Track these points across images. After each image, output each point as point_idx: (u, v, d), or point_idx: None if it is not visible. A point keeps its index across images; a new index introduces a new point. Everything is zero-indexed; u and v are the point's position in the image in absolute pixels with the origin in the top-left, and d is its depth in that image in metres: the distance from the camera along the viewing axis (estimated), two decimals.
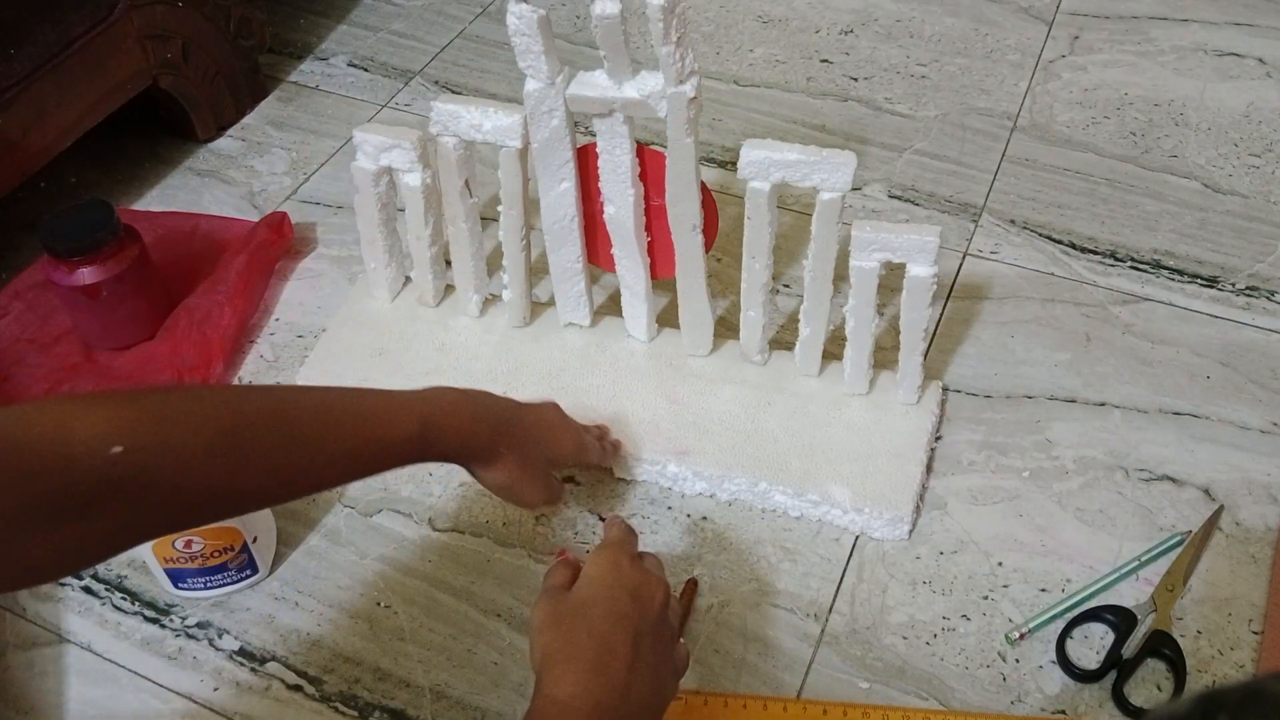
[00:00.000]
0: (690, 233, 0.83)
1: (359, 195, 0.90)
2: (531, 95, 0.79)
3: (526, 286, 0.92)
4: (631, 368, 0.90)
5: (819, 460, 0.83)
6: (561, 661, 0.58)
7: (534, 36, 0.75)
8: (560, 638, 0.60)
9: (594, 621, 0.60)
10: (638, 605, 0.61)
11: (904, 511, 0.80)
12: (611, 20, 0.71)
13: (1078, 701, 0.72)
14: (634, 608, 0.61)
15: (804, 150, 0.76)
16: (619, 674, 0.58)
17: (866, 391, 0.87)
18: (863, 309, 0.81)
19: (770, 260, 0.83)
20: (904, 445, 0.84)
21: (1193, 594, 0.77)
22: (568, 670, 0.58)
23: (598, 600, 0.61)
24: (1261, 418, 0.87)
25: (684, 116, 0.75)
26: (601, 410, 0.86)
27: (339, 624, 0.78)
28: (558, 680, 0.57)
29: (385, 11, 1.35)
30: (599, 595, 0.62)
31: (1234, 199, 1.05)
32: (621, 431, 0.85)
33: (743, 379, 0.88)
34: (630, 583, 0.62)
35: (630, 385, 0.89)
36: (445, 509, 0.85)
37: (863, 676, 0.74)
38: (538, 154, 0.82)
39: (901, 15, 1.28)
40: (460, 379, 0.90)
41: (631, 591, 0.62)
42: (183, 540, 0.74)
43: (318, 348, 0.94)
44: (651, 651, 0.60)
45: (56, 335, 0.96)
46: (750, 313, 0.86)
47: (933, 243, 0.77)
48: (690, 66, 0.73)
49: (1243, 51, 1.21)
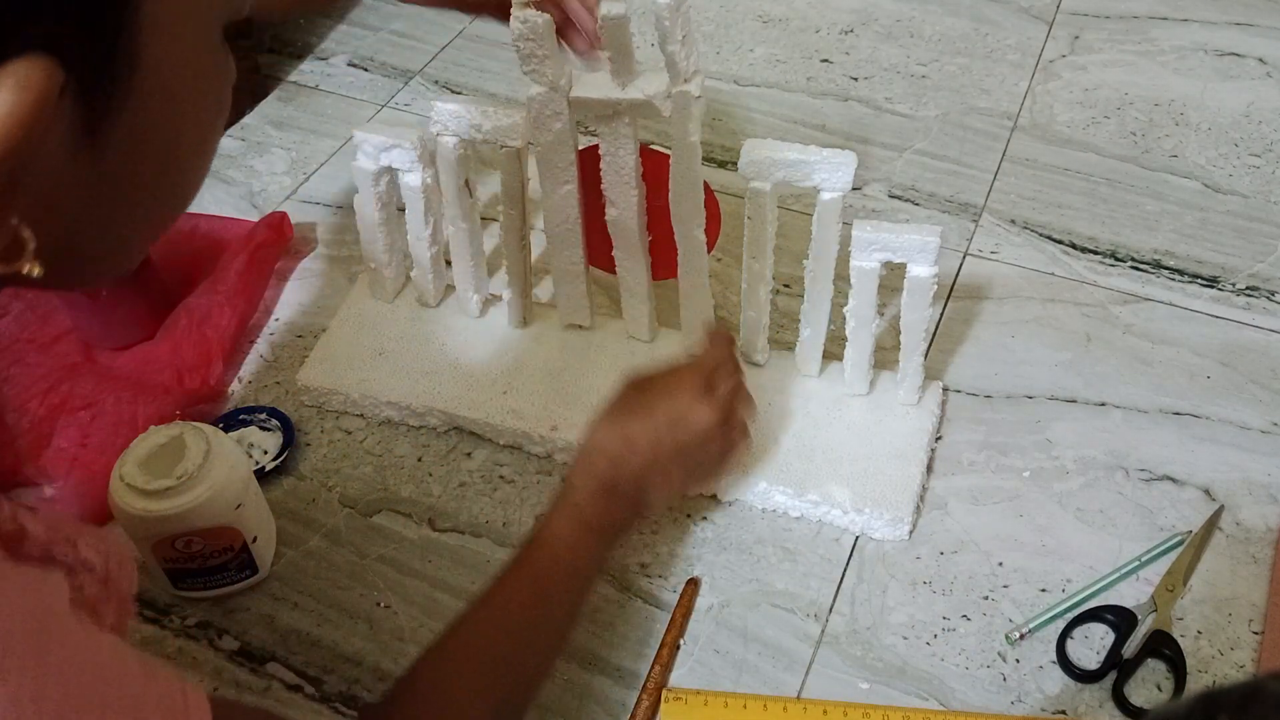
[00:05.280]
0: (694, 233, 0.82)
1: (359, 195, 0.90)
2: (536, 100, 0.78)
3: (526, 287, 0.92)
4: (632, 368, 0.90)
5: (819, 461, 0.83)
6: (586, 455, 0.72)
7: (539, 42, 0.74)
8: (600, 427, 0.73)
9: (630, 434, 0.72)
10: (675, 430, 0.72)
11: (904, 512, 0.80)
12: (619, 20, 0.71)
13: (1078, 701, 0.72)
14: (669, 431, 0.72)
15: (805, 150, 0.76)
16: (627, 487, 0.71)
17: (867, 392, 0.87)
18: (863, 309, 0.81)
19: (771, 260, 0.83)
20: (904, 445, 0.84)
21: (1193, 594, 0.77)
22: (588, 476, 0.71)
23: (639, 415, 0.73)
24: (1261, 418, 0.87)
25: (689, 116, 0.75)
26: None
27: (339, 624, 0.78)
28: (579, 481, 0.71)
29: (385, 11, 1.35)
30: (644, 407, 0.73)
31: (1234, 199, 1.05)
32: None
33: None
34: (679, 407, 0.73)
35: None
36: (445, 509, 0.85)
37: (863, 676, 0.74)
38: (540, 157, 0.82)
39: (901, 15, 1.28)
40: (459, 379, 0.90)
41: (678, 417, 0.72)
42: (183, 540, 0.74)
43: (318, 348, 0.94)
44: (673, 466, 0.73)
45: (56, 335, 0.96)
46: (750, 313, 0.86)
47: (933, 243, 0.77)
48: (695, 65, 0.73)
49: (1243, 51, 1.21)
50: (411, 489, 0.86)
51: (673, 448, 0.72)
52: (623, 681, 0.74)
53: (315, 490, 0.86)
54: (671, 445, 0.72)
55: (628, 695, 0.73)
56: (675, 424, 0.73)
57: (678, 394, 0.74)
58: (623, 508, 0.72)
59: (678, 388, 0.74)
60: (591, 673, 0.75)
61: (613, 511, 0.71)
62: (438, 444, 0.89)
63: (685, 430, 0.73)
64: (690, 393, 0.74)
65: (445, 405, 0.89)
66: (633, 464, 0.72)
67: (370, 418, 0.91)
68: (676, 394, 0.74)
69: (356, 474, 0.87)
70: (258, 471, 0.84)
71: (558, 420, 0.87)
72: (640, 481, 0.72)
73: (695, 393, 0.73)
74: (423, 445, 0.89)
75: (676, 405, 0.73)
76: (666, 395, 0.74)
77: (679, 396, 0.73)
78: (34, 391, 0.92)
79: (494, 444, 0.88)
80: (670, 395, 0.74)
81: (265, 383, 0.94)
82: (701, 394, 0.74)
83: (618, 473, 0.71)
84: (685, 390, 0.74)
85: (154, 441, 0.74)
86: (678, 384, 0.74)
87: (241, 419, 0.90)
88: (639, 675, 0.74)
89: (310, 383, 0.91)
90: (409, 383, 0.90)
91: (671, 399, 0.73)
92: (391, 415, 0.90)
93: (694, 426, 0.73)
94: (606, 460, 0.72)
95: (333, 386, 0.91)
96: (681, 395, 0.73)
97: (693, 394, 0.73)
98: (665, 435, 0.72)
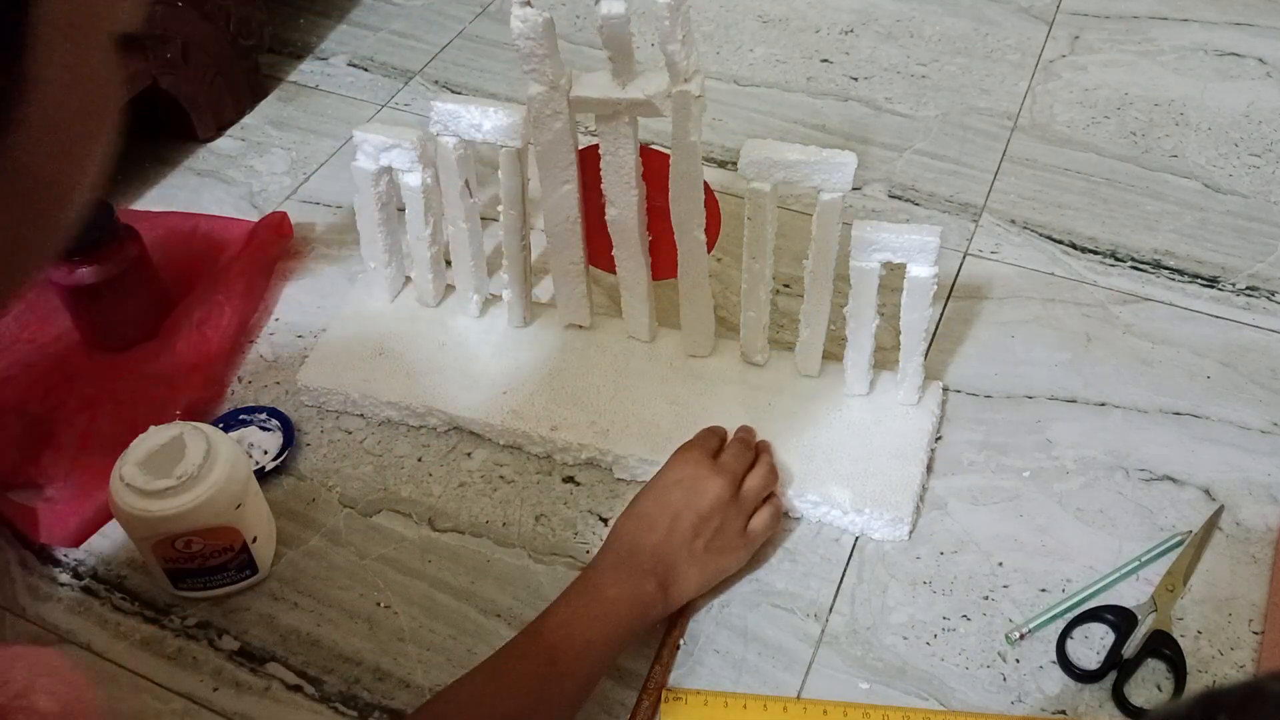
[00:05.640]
0: (694, 233, 0.82)
1: (359, 195, 0.90)
2: (536, 99, 0.78)
3: (526, 287, 0.92)
4: (632, 368, 0.90)
5: (819, 461, 0.83)
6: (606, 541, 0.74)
7: (539, 40, 0.74)
8: (620, 521, 0.75)
9: (644, 510, 0.74)
10: (687, 497, 0.74)
11: (904, 512, 0.80)
12: (619, 20, 0.71)
13: (1078, 701, 0.72)
14: (684, 499, 0.74)
15: (804, 150, 0.76)
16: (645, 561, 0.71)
17: (867, 392, 0.87)
18: (863, 310, 0.81)
19: (771, 260, 0.83)
20: (904, 446, 0.84)
21: (1193, 594, 0.77)
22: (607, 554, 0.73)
23: (652, 491, 0.75)
24: (1261, 418, 0.87)
25: (689, 115, 0.75)
26: (600, 410, 0.87)
27: (339, 624, 0.78)
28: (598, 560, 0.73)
29: (385, 11, 1.35)
30: (655, 486, 0.76)
31: (1234, 199, 1.05)
32: (620, 432, 0.85)
33: (743, 379, 0.88)
34: (686, 477, 0.75)
35: (630, 386, 0.89)
36: (445, 509, 0.85)
37: (863, 676, 0.74)
38: (540, 157, 0.82)
39: (901, 15, 1.28)
40: (459, 379, 0.90)
41: (688, 486, 0.74)
42: (183, 540, 0.74)
43: (317, 347, 0.94)
44: (693, 537, 0.73)
45: (56, 335, 0.96)
46: (750, 313, 0.86)
47: (933, 243, 0.77)
48: (695, 65, 0.73)
49: (1243, 51, 1.21)
50: (411, 489, 0.86)
51: (690, 522, 0.73)
52: (623, 681, 0.74)
53: (315, 490, 0.86)
54: (688, 519, 0.73)
55: (628, 695, 0.73)
56: (687, 496, 0.74)
57: (684, 468, 0.76)
58: (641, 583, 0.71)
59: (683, 464, 0.77)
60: None
61: (631, 585, 0.71)
62: (438, 444, 0.89)
63: (698, 500, 0.74)
64: (696, 465, 0.76)
65: (445, 405, 0.89)
66: (649, 539, 0.73)
67: (370, 417, 0.91)
68: (682, 468, 0.76)
69: (356, 474, 0.87)
70: (258, 471, 0.84)
71: (557, 420, 0.87)
72: (659, 555, 0.72)
73: (702, 466, 0.76)
74: (423, 445, 0.89)
75: (684, 478, 0.75)
76: (674, 471, 0.76)
77: (685, 469, 0.76)
78: (34, 391, 0.92)
79: (494, 444, 0.88)
80: (677, 470, 0.76)
81: (265, 383, 0.94)
82: (709, 466, 0.76)
83: (635, 547, 0.72)
84: (691, 464, 0.76)
85: (154, 441, 0.74)
86: (683, 462, 0.77)
87: (241, 419, 0.90)
88: (639, 675, 0.74)
89: (310, 382, 0.91)
90: (409, 383, 0.90)
91: (679, 472, 0.76)
92: (391, 415, 0.90)
93: (706, 496, 0.74)
94: (622, 539, 0.73)
95: (332, 386, 0.91)
96: (688, 468, 0.76)
97: (698, 467, 0.76)
98: (680, 508, 0.74)
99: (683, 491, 0.74)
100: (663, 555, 0.72)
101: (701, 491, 0.74)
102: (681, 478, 0.75)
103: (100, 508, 0.83)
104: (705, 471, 0.75)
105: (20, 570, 0.83)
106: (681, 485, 0.75)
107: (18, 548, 0.85)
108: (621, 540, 0.73)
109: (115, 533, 0.84)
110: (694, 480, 0.75)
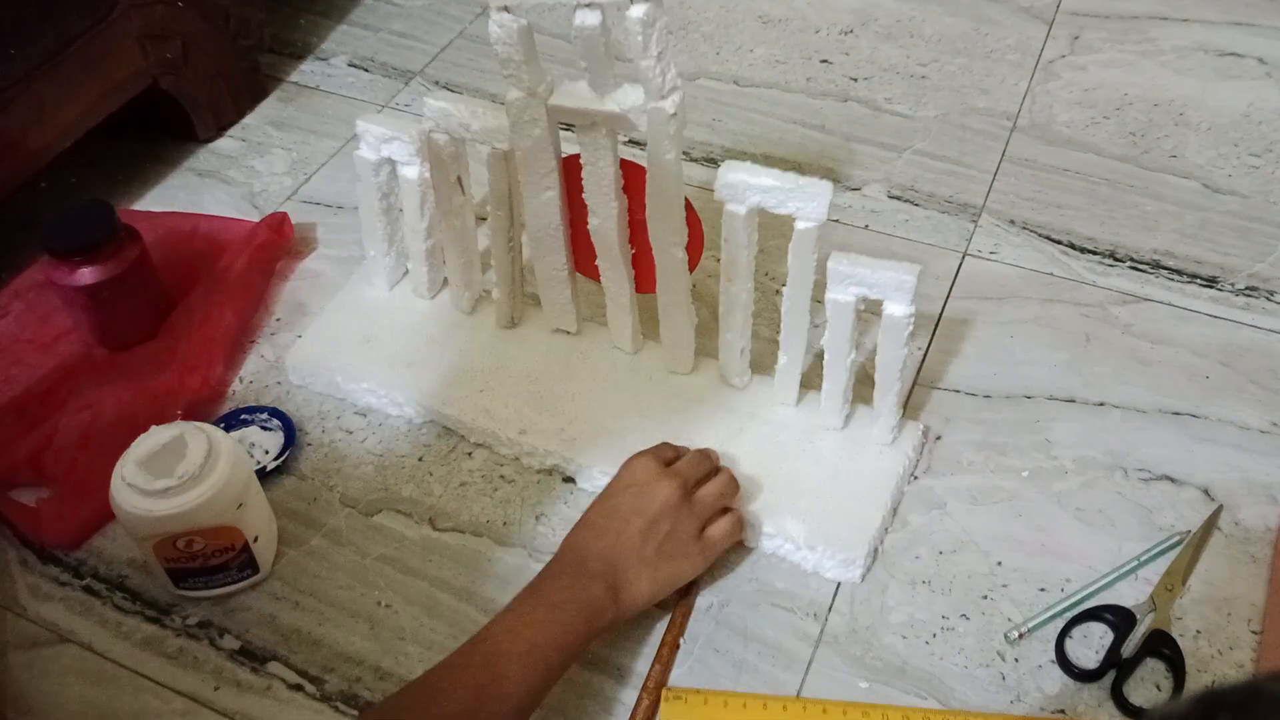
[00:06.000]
0: (672, 251, 0.81)
1: (360, 184, 0.90)
2: (514, 104, 0.77)
3: (513, 287, 0.91)
4: (611, 379, 0.89)
5: (780, 493, 0.81)
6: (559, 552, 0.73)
7: (515, 46, 0.73)
8: (572, 530, 0.75)
9: (592, 518, 0.74)
10: (636, 501, 0.74)
11: (857, 554, 0.78)
12: (591, 31, 0.70)
13: (1077, 701, 0.72)
14: (633, 504, 0.74)
15: (781, 176, 0.74)
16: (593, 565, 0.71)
17: (842, 426, 0.84)
18: (839, 343, 0.79)
19: (750, 283, 0.81)
20: (870, 486, 0.81)
21: (1192, 594, 0.77)
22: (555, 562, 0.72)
23: (602, 498, 0.76)
24: (1261, 418, 0.87)
25: (664, 133, 0.73)
26: (572, 417, 0.86)
27: (339, 624, 0.79)
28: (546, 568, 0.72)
29: (385, 11, 1.35)
30: (605, 493, 0.76)
31: (1234, 199, 1.05)
32: (587, 442, 0.85)
33: (719, 401, 0.86)
34: (636, 482, 0.75)
35: (606, 395, 0.88)
36: (446, 509, 0.85)
37: (862, 676, 0.74)
38: (522, 162, 0.81)
39: (901, 15, 1.28)
40: (440, 372, 0.90)
41: (637, 491, 0.74)
42: (184, 540, 0.74)
43: (309, 330, 0.95)
44: (642, 542, 0.72)
45: (56, 335, 0.96)
46: (728, 335, 0.84)
47: (910, 281, 0.73)
48: (673, 82, 0.71)
49: (1243, 51, 1.21)
50: (412, 489, 0.86)
51: (638, 526, 0.73)
52: (623, 680, 0.74)
53: (316, 490, 0.87)
54: (637, 523, 0.73)
55: (628, 694, 0.73)
56: (636, 500, 0.74)
57: (633, 474, 0.76)
58: (589, 586, 0.70)
59: (633, 470, 0.76)
60: (592, 671, 0.75)
61: (577, 590, 0.70)
62: (438, 444, 0.89)
63: (647, 504, 0.74)
64: (645, 471, 0.76)
65: (422, 397, 0.89)
66: (598, 544, 0.72)
67: (350, 403, 0.91)
68: (632, 474, 0.76)
69: (357, 474, 0.87)
70: (259, 471, 0.84)
71: (527, 424, 0.86)
72: (607, 559, 0.71)
73: (651, 471, 0.76)
74: (423, 445, 0.89)
75: (634, 483, 0.75)
76: (624, 477, 0.76)
77: (635, 474, 0.76)
78: (34, 391, 0.92)
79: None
80: (627, 475, 0.76)
81: (266, 383, 0.95)
82: (658, 471, 0.76)
83: (583, 553, 0.72)
84: (640, 469, 0.76)
85: (155, 441, 0.74)
86: (633, 468, 0.77)
87: (243, 419, 0.90)
88: (639, 674, 0.74)
89: (297, 364, 0.92)
90: (391, 371, 0.90)
91: (628, 478, 0.76)
92: (371, 402, 0.90)
93: (655, 500, 0.74)
94: (571, 546, 0.73)
95: (318, 368, 0.91)
96: (637, 474, 0.76)
97: (648, 473, 0.75)
98: (628, 512, 0.73)
99: (631, 496, 0.74)
100: (611, 559, 0.71)
101: (651, 495, 0.74)
102: (631, 483, 0.75)
103: (101, 508, 0.83)
104: (654, 477, 0.75)
105: (20, 570, 0.83)
106: (630, 490, 0.74)
107: (18, 547, 0.85)
108: (570, 547, 0.73)
109: (116, 532, 0.84)
110: (643, 485, 0.75)
